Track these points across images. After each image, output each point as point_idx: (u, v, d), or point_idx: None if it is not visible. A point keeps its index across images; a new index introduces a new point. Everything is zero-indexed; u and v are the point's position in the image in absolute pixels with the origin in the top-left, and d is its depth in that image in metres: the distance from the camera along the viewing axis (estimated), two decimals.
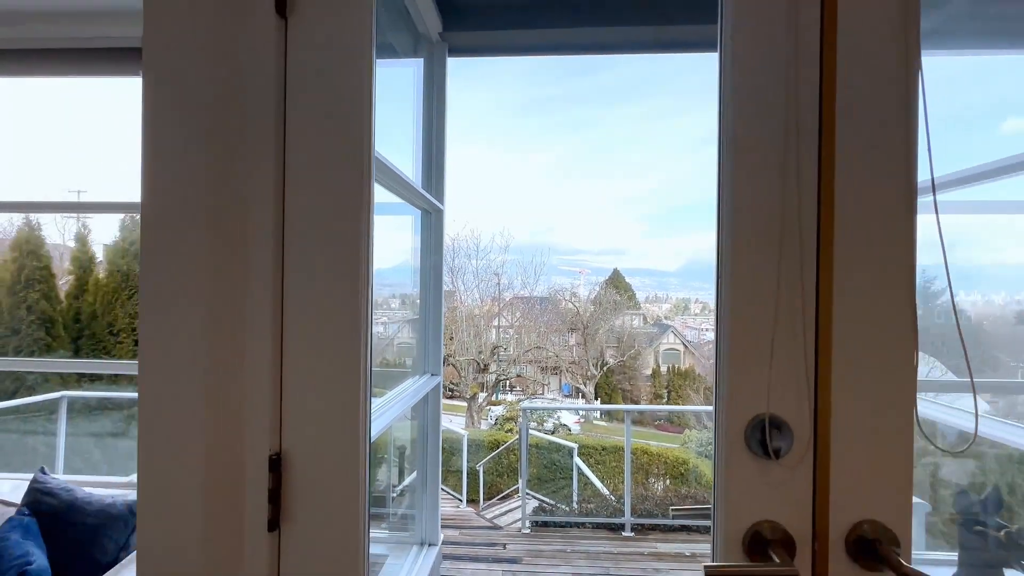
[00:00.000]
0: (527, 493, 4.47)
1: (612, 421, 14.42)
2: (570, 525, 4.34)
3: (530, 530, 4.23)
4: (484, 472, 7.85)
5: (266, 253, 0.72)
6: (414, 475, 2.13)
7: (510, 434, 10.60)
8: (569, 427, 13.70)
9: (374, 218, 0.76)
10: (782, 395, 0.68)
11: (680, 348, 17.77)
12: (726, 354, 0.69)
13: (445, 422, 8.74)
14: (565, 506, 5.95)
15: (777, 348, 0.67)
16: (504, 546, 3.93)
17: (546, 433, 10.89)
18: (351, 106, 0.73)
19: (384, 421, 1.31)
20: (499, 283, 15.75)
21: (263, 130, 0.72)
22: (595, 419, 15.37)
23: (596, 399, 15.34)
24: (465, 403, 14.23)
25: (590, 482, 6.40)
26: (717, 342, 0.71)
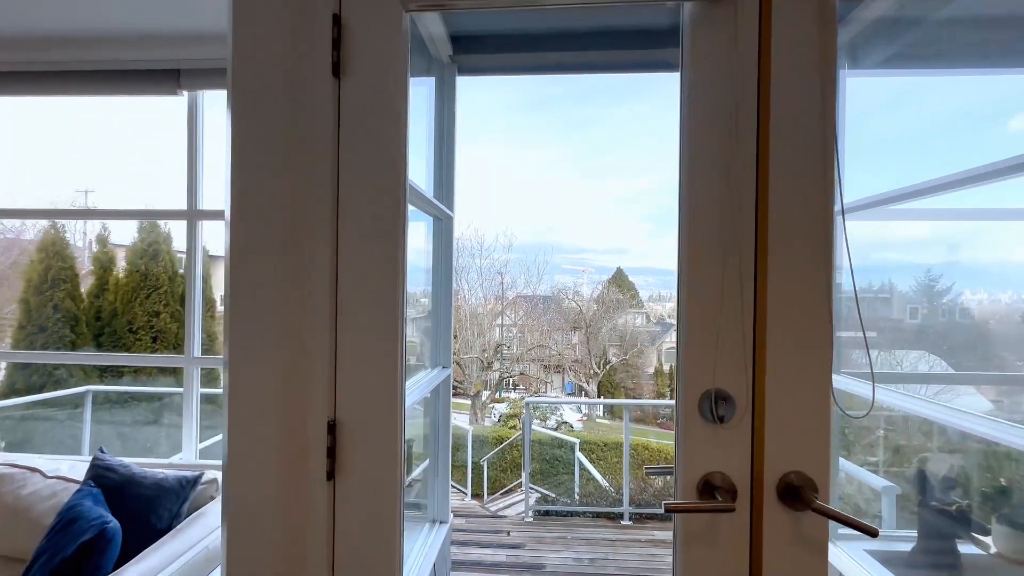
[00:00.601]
0: (530, 487, 4.67)
1: (614, 419, 14.61)
2: (571, 514, 4.53)
3: (532, 519, 4.43)
4: (488, 467, 8.05)
5: (324, 259, 0.91)
6: (426, 463, 2.33)
7: (514, 430, 10.78)
8: (572, 425, 13.89)
9: (409, 232, 0.95)
10: (726, 373, 0.87)
11: None
12: (684, 341, 0.89)
13: None
14: (567, 498, 6.15)
15: (721, 336, 0.87)
16: (508, 533, 4.13)
17: (549, 430, 11.08)
18: (389, 145, 0.93)
19: (412, 399, 1.51)
20: (503, 282, 15.93)
21: (322, 161, 0.92)
22: (598, 417, 15.56)
23: (599, 398, 15.50)
24: (469, 400, 14.43)
25: (592, 477, 6.59)
26: (678, 332, 0.91)
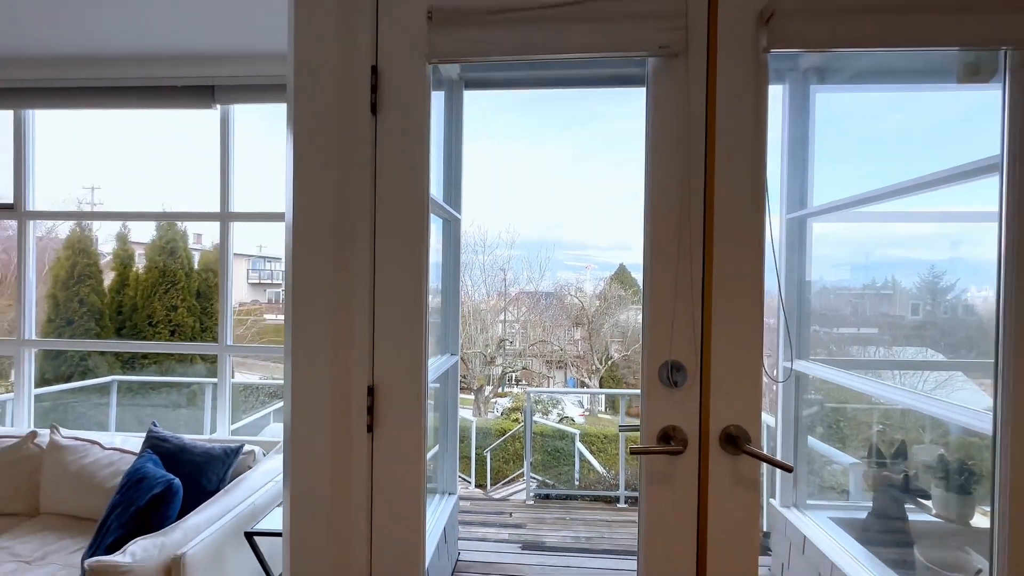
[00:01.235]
0: (531, 476, 4.92)
1: (616, 415, 14.85)
2: (570, 498, 4.78)
3: (534, 502, 4.68)
4: (491, 458, 8.32)
5: (364, 257, 1.16)
6: (436, 448, 2.58)
7: (516, 423, 11.04)
8: (574, 419, 14.14)
9: (430, 235, 1.20)
10: (680, 347, 1.11)
11: None
12: (647, 323, 1.13)
13: None
14: (567, 486, 6.41)
15: (676, 318, 1.11)
16: (511, 514, 4.38)
17: (552, 422, 11.33)
18: (414, 167, 1.17)
19: (433, 374, 1.75)
20: (505, 279, 16.16)
21: (362, 177, 1.16)
22: (600, 413, 15.81)
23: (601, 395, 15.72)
24: (472, 395, 14.70)
25: (592, 468, 6.85)
26: (643, 316, 1.15)
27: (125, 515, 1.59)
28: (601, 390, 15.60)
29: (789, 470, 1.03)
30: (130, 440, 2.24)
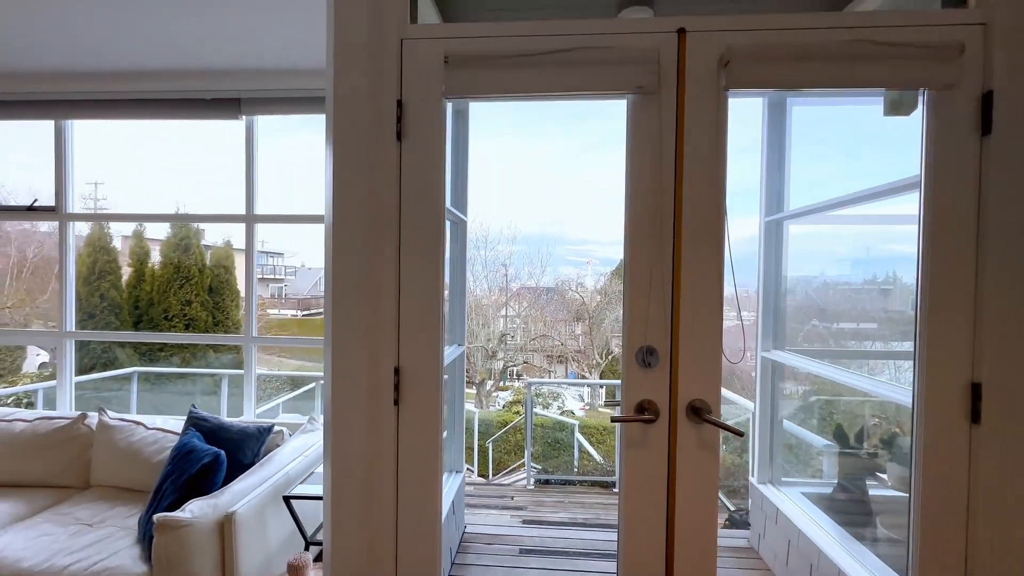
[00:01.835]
0: (531, 465, 5.18)
1: (616, 408, 15.08)
2: (568, 483, 5.03)
3: (534, 487, 4.94)
4: (493, 448, 8.59)
5: (391, 257, 1.39)
6: (444, 433, 2.81)
7: (517, 415, 11.31)
8: (574, 412, 14.41)
9: (447, 238, 1.43)
10: (654, 333, 1.34)
11: None
12: (627, 315, 1.36)
13: None
14: (566, 474, 6.66)
15: (651, 309, 1.34)
16: (512, 498, 4.63)
17: (552, 414, 11.58)
18: (432, 184, 1.40)
19: (448, 359, 1.99)
20: (507, 274, 16.39)
21: (389, 193, 1.39)
22: (599, 406, 16.07)
23: (601, 388, 15.98)
24: (474, 389, 14.98)
25: (591, 457, 7.10)
26: (623, 308, 1.38)
27: (178, 481, 1.83)
28: (600, 381, 15.85)
29: (740, 435, 1.27)
30: (169, 422, 2.48)
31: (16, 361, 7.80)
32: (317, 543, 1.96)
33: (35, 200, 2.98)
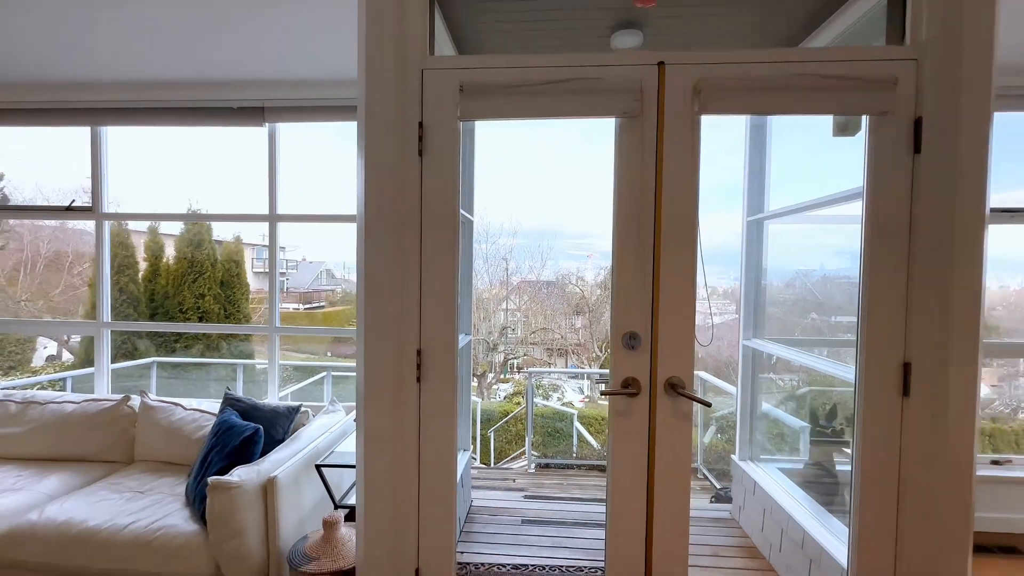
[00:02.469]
0: (531, 453, 5.44)
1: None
2: (567, 467, 5.30)
3: (535, 471, 5.20)
4: (494, 437, 8.87)
5: (414, 254, 1.63)
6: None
7: (518, 406, 11.59)
8: (574, 404, 14.69)
9: (460, 238, 1.66)
10: (638, 319, 1.59)
11: None
12: (614, 303, 1.60)
13: None
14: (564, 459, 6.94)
15: (635, 297, 1.58)
16: (514, 480, 4.90)
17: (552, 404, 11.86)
18: (448, 196, 1.63)
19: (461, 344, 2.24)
20: (507, 268, 16.61)
21: (412, 203, 1.63)
22: (599, 399, 16.36)
23: (599, 379, 16.24)
24: (475, 381, 15.26)
25: (589, 445, 7.37)
26: (611, 297, 1.62)
27: (223, 452, 2.09)
28: (599, 370, 16.13)
29: (708, 405, 1.52)
30: (204, 404, 2.74)
31: (27, 354, 8.08)
32: (344, 506, 2.21)
33: (72, 200, 3.22)
